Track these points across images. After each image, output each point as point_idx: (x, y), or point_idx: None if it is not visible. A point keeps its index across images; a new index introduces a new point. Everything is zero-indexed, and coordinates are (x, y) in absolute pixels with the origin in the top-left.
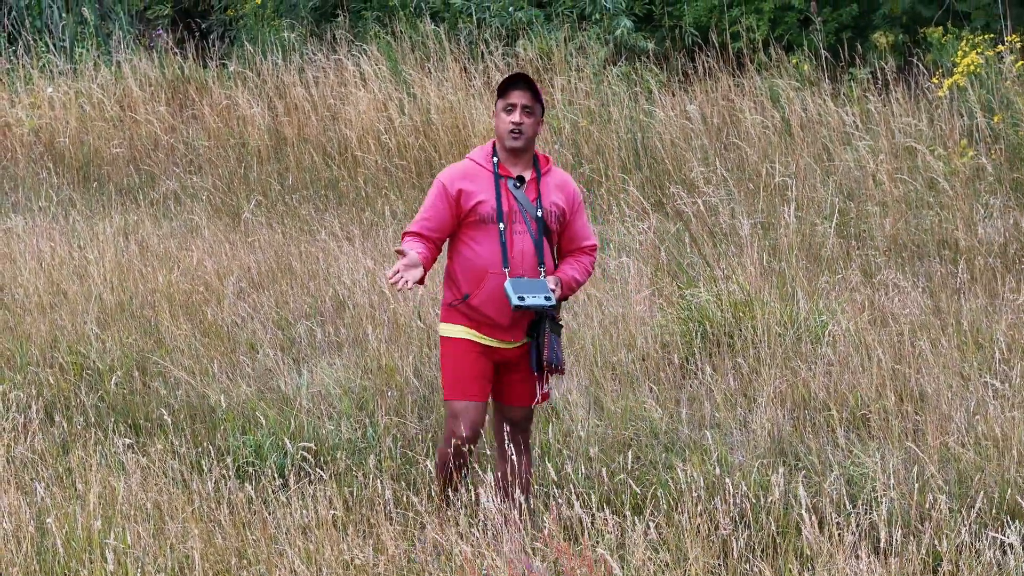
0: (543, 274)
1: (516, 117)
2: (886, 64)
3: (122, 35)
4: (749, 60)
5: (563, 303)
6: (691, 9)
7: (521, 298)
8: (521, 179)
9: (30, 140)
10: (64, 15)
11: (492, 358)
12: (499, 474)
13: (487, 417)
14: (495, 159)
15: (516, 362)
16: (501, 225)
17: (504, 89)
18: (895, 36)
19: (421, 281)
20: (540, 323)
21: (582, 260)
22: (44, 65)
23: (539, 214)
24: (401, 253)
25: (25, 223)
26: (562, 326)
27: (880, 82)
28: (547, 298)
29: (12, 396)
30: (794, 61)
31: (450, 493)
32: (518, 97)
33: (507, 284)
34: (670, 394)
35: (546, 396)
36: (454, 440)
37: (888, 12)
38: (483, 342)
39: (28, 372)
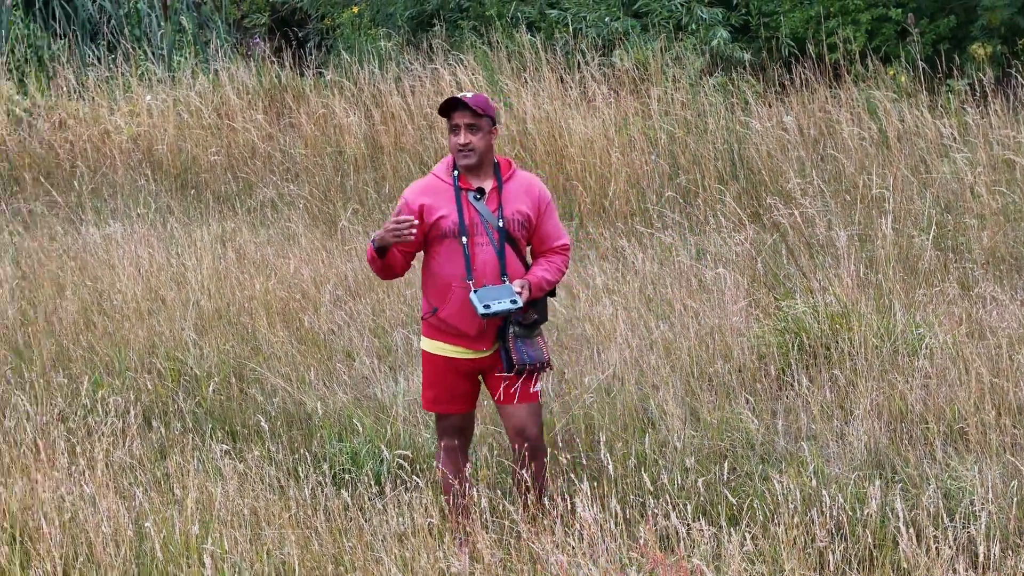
0: (506, 282)
1: (461, 138)
2: (984, 75)
3: (220, 43)
4: (846, 71)
5: (549, 301)
6: (788, 20)
7: (487, 306)
8: (481, 191)
9: (129, 148)
10: (162, 24)
11: (469, 369)
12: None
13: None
14: (455, 172)
15: (494, 366)
16: (463, 239)
17: (443, 112)
18: (993, 47)
19: (382, 254)
20: (505, 328)
21: (553, 260)
22: (143, 73)
23: (500, 224)
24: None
25: (124, 230)
26: (535, 327)
27: (978, 94)
28: (512, 301)
29: (111, 401)
30: (891, 72)
31: (450, 501)
32: (459, 117)
33: (472, 295)
34: (766, 405)
35: (536, 395)
36: (443, 443)
37: (986, 23)
38: (458, 355)
39: (127, 377)
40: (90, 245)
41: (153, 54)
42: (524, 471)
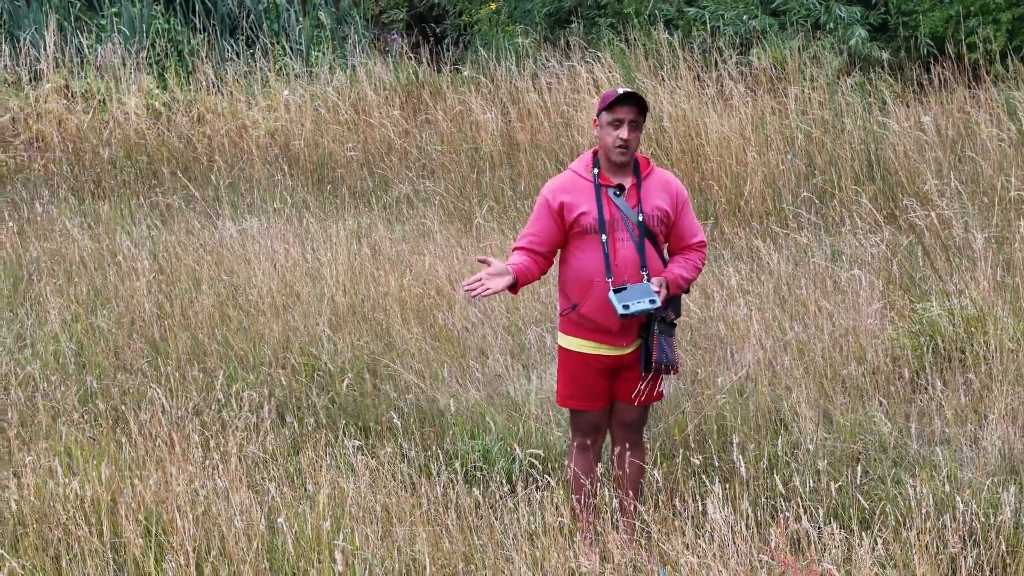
0: (646, 278)
1: (624, 133)
2: None
3: (357, 39)
4: (985, 71)
5: (682, 298)
6: (927, 19)
7: (626, 307)
8: (621, 187)
9: (266, 142)
10: (301, 19)
11: (608, 365)
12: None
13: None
14: (595, 170)
15: (631, 364)
16: (603, 235)
17: (612, 104)
18: None
19: (513, 289)
20: (650, 325)
21: (691, 257)
22: (280, 68)
23: (640, 219)
24: (484, 262)
25: (260, 225)
26: (675, 325)
27: None
28: (651, 301)
29: (245, 396)
30: None
31: (581, 500)
32: (626, 112)
33: (611, 295)
34: (900, 408)
35: (660, 395)
36: (576, 442)
37: None
38: (599, 352)
39: (261, 372)
40: (226, 240)
41: (291, 49)
42: (622, 467)
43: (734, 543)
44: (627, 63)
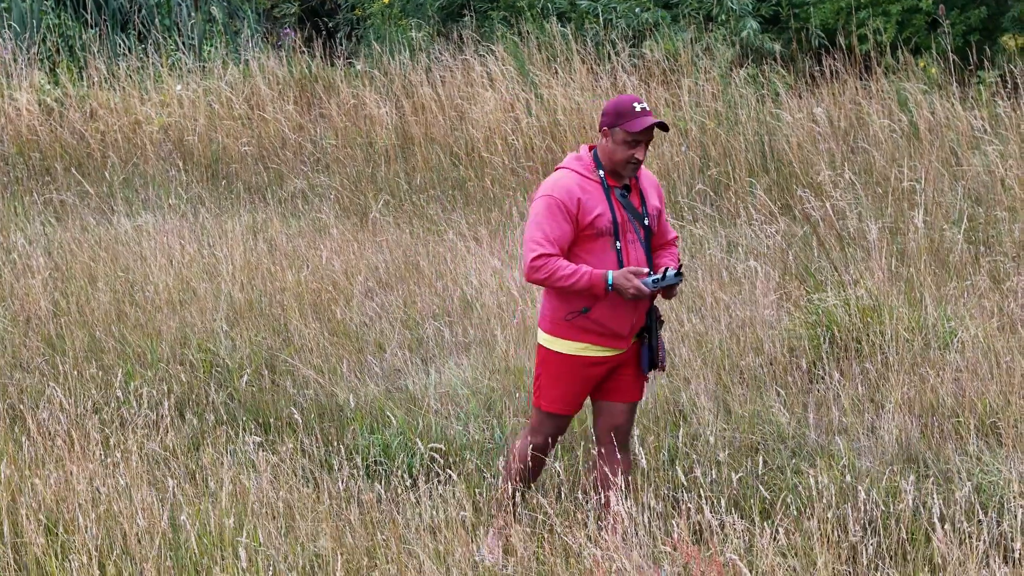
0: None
1: (640, 154)
2: (1015, 67)
3: (250, 34)
4: (876, 63)
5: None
6: (818, 11)
7: (656, 281)
8: (627, 188)
9: (159, 138)
10: (193, 14)
11: (607, 367)
12: (595, 477)
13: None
14: (600, 171)
15: (625, 363)
16: (617, 237)
17: (636, 123)
18: None
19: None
20: (651, 324)
21: (673, 252)
22: (173, 63)
23: (646, 222)
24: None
25: (155, 220)
26: (663, 323)
27: (1009, 85)
28: (678, 273)
29: (144, 392)
30: (922, 64)
31: (519, 491)
32: (646, 135)
33: (646, 280)
34: (797, 399)
35: (642, 394)
36: (538, 441)
37: (1017, 15)
38: (601, 354)
39: (159, 369)
40: (122, 236)
41: (183, 44)
42: (601, 469)
43: (637, 535)
44: (520, 56)
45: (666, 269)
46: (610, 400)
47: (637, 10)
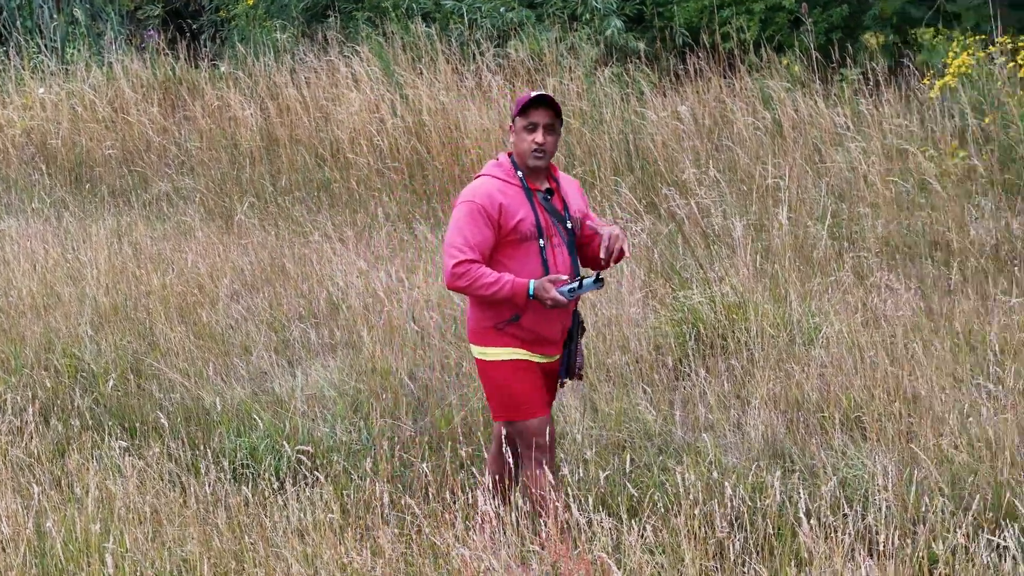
0: (585, 276)
1: (539, 137)
2: (877, 65)
3: (113, 35)
4: (740, 61)
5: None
6: (681, 10)
7: (572, 290)
8: (550, 191)
9: (22, 141)
10: (55, 15)
11: (542, 372)
12: (497, 478)
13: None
14: (519, 174)
15: (549, 373)
16: (541, 241)
17: (525, 108)
18: (885, 37)
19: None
20: (573, 332)
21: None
22: (35, 66)
23: (569, 225)
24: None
25: (18, 225)
26: (584, 331)
27: (871, 83)
28: (596, 280)
29: (8, 398)
30: (785, 62)
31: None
32: (541, 116)
33: (561, 289)
34: (664, 396)
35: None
36: (535, 454)
37: (879, 13)
38: (534, 359)
39: (23, 374)
40: None
41: (45, 46)
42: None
43: (505, 534)
44: (386, 57)
45: (582, 278)
46: None
47: (502, 9)
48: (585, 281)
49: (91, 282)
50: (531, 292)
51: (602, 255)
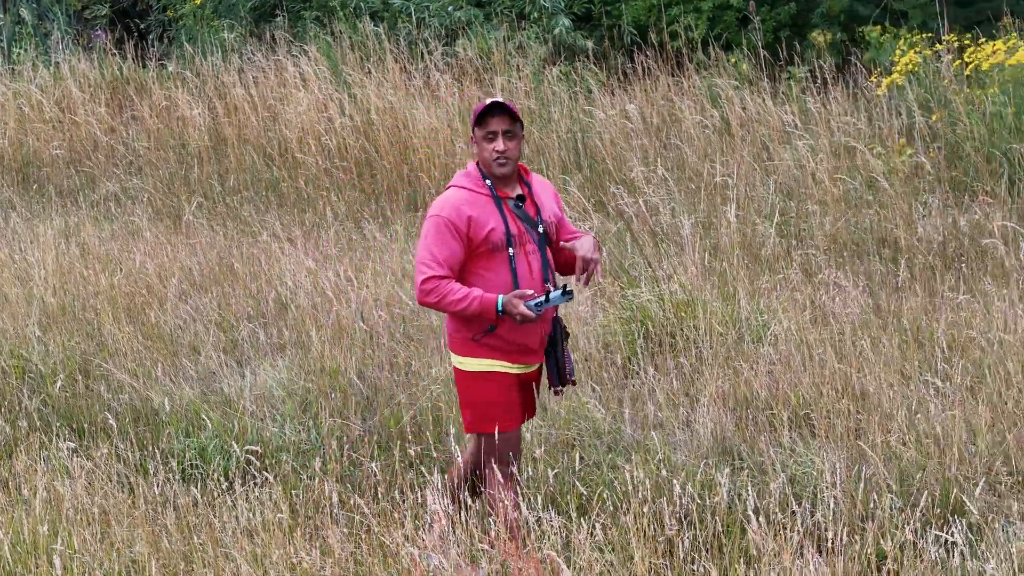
0: (551, 288)
1: (500, 145)
2: (825, 63)
3: (60, 35)
4: (688, 59)
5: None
6: (629, 8)
7: (539, 304)
8: (522, 198)
9: None
10: (1, 15)
11: (517, 384)
12: (460, 481)
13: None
14: (488, 182)
15: (530, 381)
16: (511, 250)
17: (481, 117)
18: (833, 35)
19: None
20: (556, 338)
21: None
22: None
23: (541, 230)
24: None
25: None
26: (569, 335)
27: (819, 81)
28: (565, 292)
29: None
30: (733, 60)
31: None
32: (498, 123)
33: (529, 304)
34: (613, 394)
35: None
36: (499, 468)
37: (826, 11)
38: (513, 371)
39: None
40: None
41: None
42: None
43: (454, 533)
44: (333, 56)
45: (548, 291)
46: None
47: (450, 8)
48: (552, 295)
49: (39, 283)
50: (499, 308)
51: (577, 279)
